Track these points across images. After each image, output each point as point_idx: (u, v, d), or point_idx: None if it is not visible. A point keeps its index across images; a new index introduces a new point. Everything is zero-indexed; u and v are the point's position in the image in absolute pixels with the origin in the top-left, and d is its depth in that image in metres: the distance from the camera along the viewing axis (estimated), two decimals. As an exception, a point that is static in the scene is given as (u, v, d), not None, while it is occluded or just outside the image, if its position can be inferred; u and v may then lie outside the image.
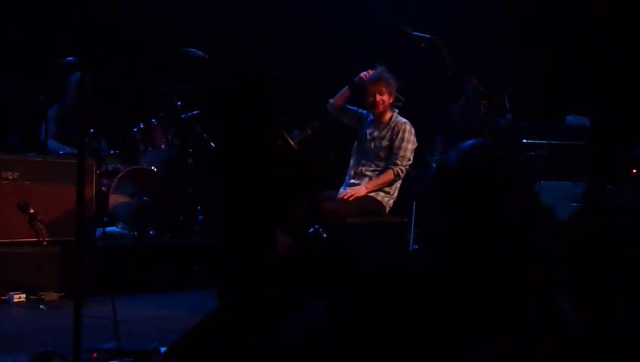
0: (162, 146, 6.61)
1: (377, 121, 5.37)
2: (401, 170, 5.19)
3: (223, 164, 4.56)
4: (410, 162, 5.26)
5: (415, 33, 4.52)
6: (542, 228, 1.64)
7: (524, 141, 6.42)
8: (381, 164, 5.28)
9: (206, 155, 6.64)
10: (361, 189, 5.18)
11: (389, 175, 5.20)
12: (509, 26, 7.83)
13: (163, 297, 5.35)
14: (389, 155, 5.25)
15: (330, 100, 5.52)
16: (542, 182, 6.35)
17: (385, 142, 5.27)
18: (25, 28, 7.14)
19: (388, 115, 5.33)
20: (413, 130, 5.28)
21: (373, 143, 5.34)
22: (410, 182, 5.54)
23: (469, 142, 1.68)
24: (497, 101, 4.30)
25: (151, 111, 6.72)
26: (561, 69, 7.76)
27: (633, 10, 7.33)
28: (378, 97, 5.27)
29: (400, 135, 5.23)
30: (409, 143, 5.23)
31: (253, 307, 2.23)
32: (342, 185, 5.45)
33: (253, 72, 5.24)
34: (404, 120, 5.31)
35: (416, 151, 5.40)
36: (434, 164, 7.04)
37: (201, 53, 6.34)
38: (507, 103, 6.74)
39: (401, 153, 5.20)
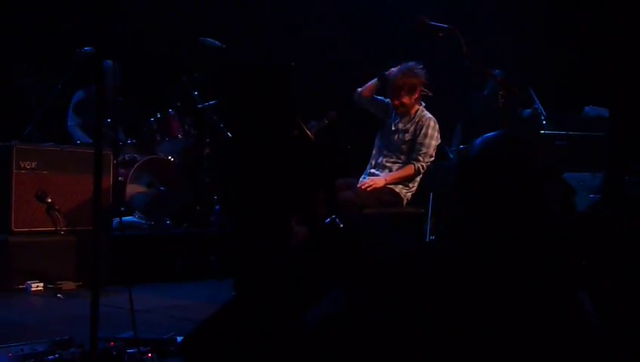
0: (179, 136, 6.62)
1: (399, 114, 5.33)
2: (422, 166, 5.15)
3: (240, 154, 4.56)
4: (432, 158, 5.22)
5: (433, 23, 4.49)
6: (564, 219, 1.63)
7: (543, 132, 6.38)
8: (402, 157, 5.24)
9: (222, 145, 6.64)
10: (379, 180, 5.14)
11: (409, 169, 5.15)
12: (528, 17, 7.77)
13: (179, 286, 5.37)
14: (411, 150, 5.20)
15: (358, 89, 5.43)
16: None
17: (408, 136, 5.23)
18: (42, 17, 7.16)
19: (413, 109, 5.27)
20: (437, 126, 5.22)
21: (396, 135, 5.29)
22: (427, 172, 5.50)
23: (494, 132, 1.67)
24: (516, 91, 4.26)
25: (168, 101, 6.73)
26: (579, 59, 7.69)
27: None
28: (396, 102, 5.22)
29: (424, 130, 5.17)
30: (432, 140, 5.18)
31: (269, 297, 2.22)
32: (362, 174, 5.43)
33: (269, 62, 5.23)
34: (429, 115, 5.25)
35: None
36: (451, 155, 7.00)
37: (217, 42, 6.34)
38: (533, 95, 6.69)
39: (424, 149, 5.16)
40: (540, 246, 1.58)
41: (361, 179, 5.32)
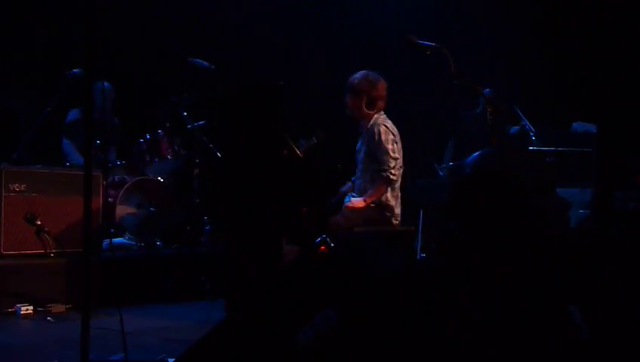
0: (168, 157, 6.61)
1: (361, 126, 5.32)
2: (391, 173, 5.02)
3: (230, 174, 4.56)
4: (398, 159, 5.09)
5: (420, 41, 4.52)
6: (557, 233, 1.64)
7: (532, 148, 6.40)
8: (367, 175, 5.18)
9: (212, 165, 6.63)
10: (359, 202, 5.11)
11: (380, 185, 5.05)
12: (515, 33, 7.83)
13: (170, 308, 5.34)
14: (371, 162, 5.13)
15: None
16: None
17: (365, 148, 5.18)
18: (31, 40, 7.17)
19: (368, 120, 5.20)
20: (390, 129, 5.10)
21: (358, 155, 5.29)
22: (417, 190, 5.49)
23: (487, 149, 1.68)
24: (504, 109, 4.29)
25: (157, 122, 6.73)
26: (567, 75, 7.75)
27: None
28: (347, 106, 5.23)
29: (375, 139, 5.06)
30: (387, 144, 5.03)
31: (261, 317, 2.21)
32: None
33: (258, 82, 5.24)
34: (380, 121, 5.13)
35: (422, 158, 5.32)
36: (441, 172, 7.03)
37: (206, 63, 6.35)
38: (519, 112, 6.73)
39: (384, 157, 5.03)
40: (533, 260, 1.59)
41: (345, 200, 5.31)
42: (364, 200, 5.09)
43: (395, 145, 5.11)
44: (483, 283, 1.58)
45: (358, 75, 5.21)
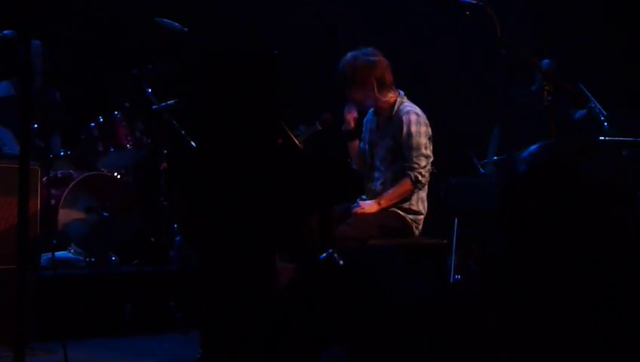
0: (127, 146, 6.61)
1: (377, 114, 5.38)
2: (421, 173, 5.13)
3: (207, 170, 4.56)
4: (431, 159, 5.21)
5: (459, -2, 4.51)
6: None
7: (602, 138, 6.40)
8: (390, 171, 5.26)
9: (184, 157, 6.63)
10: (372, 205, 5.14)
11: (405, 184, 5.15)
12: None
13: (129, 343, 5.36)
14: (398, 157, 5.22)
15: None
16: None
17: (389, 141, 5.27)
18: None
19: (387, 104, 5.32)
20: (422, 118, 5.22)
21: (377, 145, 5.33)
22: (450, 192, 5.48)
23: (548, 140, 1.67)
24: (567, 87, 4.28)
25: (113, 101, 6.72)
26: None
27: None
28: (349, 97, 5.36)
29: (405, 130, 5.16)
30: (419, 137, 5.15)
31: (245, 356, 2.22)
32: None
33: (246, 50, 5.24)
34: (409, 107, 5.25)
35: (457, 150, 5.32)
36: (482, 169, 7.02)
37: (178, 25, 6.35)
38: (586, 92, 6.74)
39: (414, 153, 5.14)
40: (614, 286, 1.57)
41: (353, 206, 5.31)
42: (379, 203, 5.13)
43: (428, 140, 5.20)
44: (543, 318, 1.57)
45: (347, 63, 5.30)
